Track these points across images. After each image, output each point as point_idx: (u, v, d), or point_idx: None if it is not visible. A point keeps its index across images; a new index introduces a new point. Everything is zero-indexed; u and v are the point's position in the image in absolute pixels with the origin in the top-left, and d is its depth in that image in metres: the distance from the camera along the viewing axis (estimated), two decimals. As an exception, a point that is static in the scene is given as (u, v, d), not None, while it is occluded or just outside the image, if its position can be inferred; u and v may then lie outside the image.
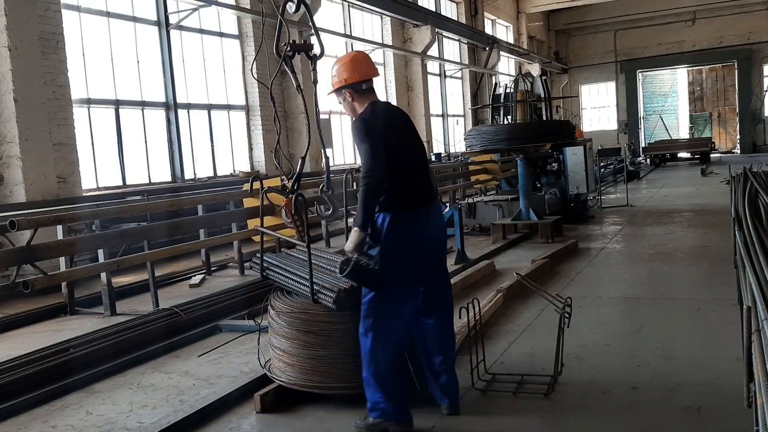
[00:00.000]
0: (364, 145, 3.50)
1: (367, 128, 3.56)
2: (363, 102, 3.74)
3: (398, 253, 3.50)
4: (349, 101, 3.76)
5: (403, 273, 3.52)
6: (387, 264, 3.46)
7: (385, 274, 3.46)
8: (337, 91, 3.79)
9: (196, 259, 9.13)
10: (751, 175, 7.99)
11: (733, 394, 3.43)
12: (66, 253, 6.61)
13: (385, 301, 3.49)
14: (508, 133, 9.94)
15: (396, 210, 3.52)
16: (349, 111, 3.83)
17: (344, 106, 3.83)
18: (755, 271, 3.60)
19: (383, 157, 3.46)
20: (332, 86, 3.80)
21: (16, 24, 8.65)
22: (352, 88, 3.74)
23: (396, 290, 3.52)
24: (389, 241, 3.49)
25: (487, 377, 4.14)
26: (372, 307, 3.49)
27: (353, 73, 3.74)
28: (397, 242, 3.50)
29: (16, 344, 5.72)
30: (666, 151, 27.18)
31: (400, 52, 19.30)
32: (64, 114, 9.41)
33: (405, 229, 3.52)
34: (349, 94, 3.74)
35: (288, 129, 14.40)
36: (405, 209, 3.54)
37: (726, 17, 30.91)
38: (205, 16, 12.97)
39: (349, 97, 3.75)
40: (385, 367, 3.49)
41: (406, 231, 3.52)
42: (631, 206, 13.08)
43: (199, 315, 6.01)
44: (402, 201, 3.54)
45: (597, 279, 7.06)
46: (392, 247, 3.49)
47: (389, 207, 3.51)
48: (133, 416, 4.01)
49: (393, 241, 3.49)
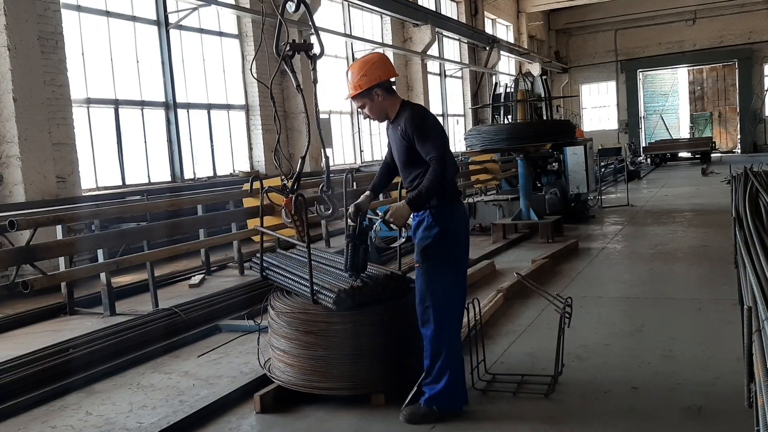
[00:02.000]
0: (432, 136, 3.61)
1: (432, 120, 3.73)
2: (393, 101, 3.77)
3: (461, 240, 3.75)
4: (379, 101, 3.73)
5: (465, 259, 3.85)
6: (457, 248, 3.71)
7: (457, 256, 3.72)
8: (366, 93, 3.71)
9: (196, 259, 9.12)
10: (751, 175, 7.97)
11: (734, 394, 3.43)
12: (65, 253, 6.60)
13: (455, 290, 3.68)
14: (508, 132, 9.92)
15: (456, 199, 3.79)
16: (376, 112, 3.80)
17: (370, 108, 3.78)
18: (756, 271, 3.59)
19: (450, 153, 3.67)
20: (357, 88, 3.71)
21: (16, 23, 8.64)
22: (384, 87, 3.72)
23: (461, 277, 3.77)
24: (456, 228, 3.70)
25: (488, 377, 4.13)
26: (444, 296, 3.62)
27: (387, 71, 3.74)
28: (460, 229, 3.75)
29: (15, 344, 5.71)
30: (666, 151, 27.15)
31: (400, 52, 19.29)
32: (64, 114, 9.40)
33: (463, 216, 3.84)
34: (380, 93, 3.71)
35: (288, 129, 14.40)
36: (459, 200, 3.87)
37: (726, 17, 30.90)
38: (204, 15, 12.97)
39: (380, 97, 3.72)
40: (460, 353, 3.70)
41: (464, 219, 3.84)
42: (632, 206, 13.07)
43: (199, 315, 6.00)
44: (457, 193, 3.85)
45: (597, 279, 7.05)
46: (458, 233, 3.71)
47: (453, 196, 3.75)
48: (132, 416, 4.01)
49: (459, 228, 3.73)
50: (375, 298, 3.84)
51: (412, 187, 3.72)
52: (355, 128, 18.29)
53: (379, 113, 3.80)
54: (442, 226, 3.62)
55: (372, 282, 3.86)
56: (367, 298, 3.80)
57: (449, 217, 3.67)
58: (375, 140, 19.36)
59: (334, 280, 3.95)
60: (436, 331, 3.59)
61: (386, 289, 3.89)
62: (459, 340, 3.72)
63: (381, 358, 3.81)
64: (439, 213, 3.64)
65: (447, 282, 3.64)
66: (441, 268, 3.63)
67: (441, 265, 3.63)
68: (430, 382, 3.62)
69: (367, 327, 3.78)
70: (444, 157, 3.56)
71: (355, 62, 3.85)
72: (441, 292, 3.60)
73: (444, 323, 3.60)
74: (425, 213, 3.67)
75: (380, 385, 3.83)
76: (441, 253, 3.63)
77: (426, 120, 3.68)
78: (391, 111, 3.77)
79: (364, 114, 3.85)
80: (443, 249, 3.63)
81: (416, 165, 3.67)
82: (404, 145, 3.69)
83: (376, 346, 3.80)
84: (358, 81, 3.71)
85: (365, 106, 3.78)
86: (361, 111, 3.85)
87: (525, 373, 4.15)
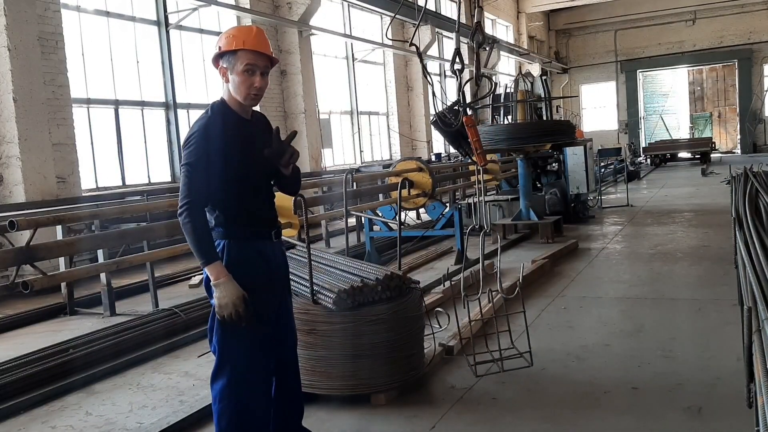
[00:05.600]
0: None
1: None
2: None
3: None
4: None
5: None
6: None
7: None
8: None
9: (196, 260, 9.10)
10: (751, 175, 7.97)
11: (734, 394, 3.43)
12: (65, 254, 6.60)
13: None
14: (508, 133, 9.92)
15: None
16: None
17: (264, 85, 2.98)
18: (755, 271, 3.59)
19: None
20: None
21: (16, 24, 8.64)
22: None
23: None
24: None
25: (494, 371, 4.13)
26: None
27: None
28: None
29: (15, 344, 5.72)
30: (666, 151, 27.13)
31: (400, 52, 19.29)
32: (64, 114, 9.40)
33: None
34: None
35: (288, 129, 14.39)
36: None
37: (726, 17, 30.90)
38: (204, 15, 12.97)
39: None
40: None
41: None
42: (632, 206, 13.07)
43: (199, 315, 6.00)
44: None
45: (597, 279, 7.05)
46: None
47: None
48: (132, 417, 4.01)
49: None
50: (375, 298, 3.84)
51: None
52: (355, 128, 18.29)
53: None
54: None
55: (372, 282, 3.86)
56: (367, 298, 3.81)
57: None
58: (375, 140, 19.37)
59: (334, 280, 3.96)
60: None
61: (386, 289, 3.90)
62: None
63: (381, 358, 3.81)
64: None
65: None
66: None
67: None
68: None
69: (367, 327, 3.78)
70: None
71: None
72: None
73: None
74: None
75: (380, 385, 3.83)
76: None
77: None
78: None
79: (257, 91, 2.91)
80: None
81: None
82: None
83: (376, 346, 3.80)
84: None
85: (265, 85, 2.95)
86: (254, 89, 2.90)
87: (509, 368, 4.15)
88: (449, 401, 3.87)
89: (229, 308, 2.77)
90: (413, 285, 4.15)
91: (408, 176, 8.86)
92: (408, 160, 9.66)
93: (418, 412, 3.71)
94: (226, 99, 2.94)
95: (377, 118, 19.56)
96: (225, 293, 2.77)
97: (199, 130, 2.82)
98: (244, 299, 2.79)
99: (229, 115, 2.90)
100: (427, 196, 8.96)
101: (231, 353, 2.91)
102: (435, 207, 9.79)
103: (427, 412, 3.72)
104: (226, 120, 2.88)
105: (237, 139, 2.88)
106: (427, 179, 8.90)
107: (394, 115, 19.68)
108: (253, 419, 2.99)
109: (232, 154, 2.85)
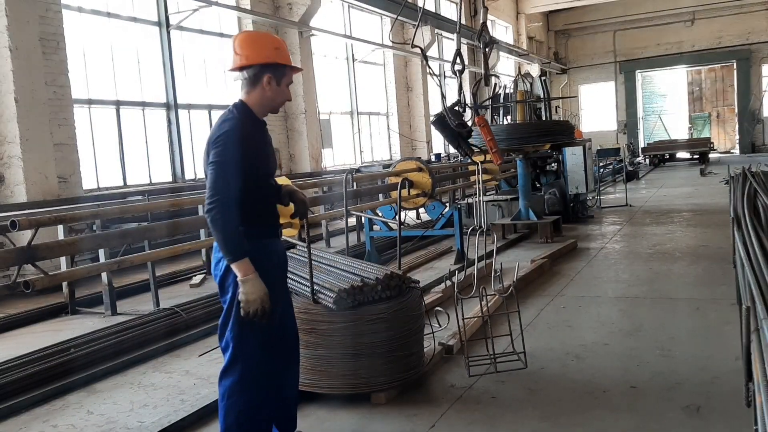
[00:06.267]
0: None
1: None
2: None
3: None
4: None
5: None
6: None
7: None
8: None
9: (197, 259, 9.13)
10: (750, 175, 7.98)
11: (732, 393, 3.45)
12: (67, 253, 6.61)
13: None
14: (507, 133, 9.93)
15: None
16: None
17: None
18: (754, 271, 3.61)
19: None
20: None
21: (17, 25, 8.66)
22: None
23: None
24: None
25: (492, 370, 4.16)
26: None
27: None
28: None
29: (17, 344, 5.74)
30: (665, 152, 27.16)
31: (400, 53, 19.31)
32: (65, 114, 9.42)
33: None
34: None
35: (288, 129, 14.41)
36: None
37: (725, 18, 30.92)
38: (205, 16, 12.98)
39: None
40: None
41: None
42: (630, 206, 13.09)
43: (200, 315, 6.03)
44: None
45: (596, 279, 7.07)
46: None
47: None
48: (133, 415, 4.03)
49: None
50: (375, 297, 3.86)
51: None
52: (355, 128, 18.31)
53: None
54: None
55: (372, 282, 3.88)
56: (367, 298, 3.83)
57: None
58: (375, 140, 19.38)
59: (334, 279, 3.98)
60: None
61: (386, 289, 3.92)
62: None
63: (381, 357, 3.83)
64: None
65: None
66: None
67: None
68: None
69: (367, 326, 3.81)
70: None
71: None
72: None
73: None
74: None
75: (380, 384, 3.85)
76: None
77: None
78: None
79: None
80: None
81: None
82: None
83: (376, 345, 3.82)
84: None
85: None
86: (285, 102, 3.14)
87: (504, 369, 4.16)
88: (449, 400, 3.89)
89: (256, 304, 2.85)
90: (413, 284, 4.17)
91: (408, 176, 8.87)
92: (408, 160, 9.67)
93: (418, 411, 3.73)
94: (248, 102, 3.03)
95: (377, 119, 19.58)
96: (253, 289, 2.85)
97: (231, 130, 2.91)
98: (268, 296, 2.89)
99: (252, 118, 3.02)
100: (427, 196, 8.97)
101: (246, 349, 2.97)
102: (435, 207, 9.81)
103: (427, 411, 3.74)
104: (253, 122, 3.01)
105: (259, 141, 3.02)
106: (427, 179, 8.92)
107: (394, 116, 19.70)
108: (260, 417, 3.03)
109: (256, 155, 2.97)
